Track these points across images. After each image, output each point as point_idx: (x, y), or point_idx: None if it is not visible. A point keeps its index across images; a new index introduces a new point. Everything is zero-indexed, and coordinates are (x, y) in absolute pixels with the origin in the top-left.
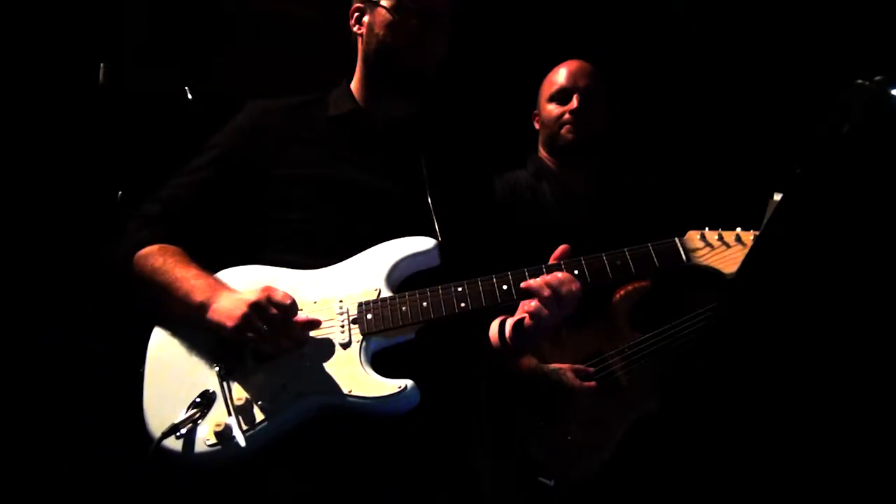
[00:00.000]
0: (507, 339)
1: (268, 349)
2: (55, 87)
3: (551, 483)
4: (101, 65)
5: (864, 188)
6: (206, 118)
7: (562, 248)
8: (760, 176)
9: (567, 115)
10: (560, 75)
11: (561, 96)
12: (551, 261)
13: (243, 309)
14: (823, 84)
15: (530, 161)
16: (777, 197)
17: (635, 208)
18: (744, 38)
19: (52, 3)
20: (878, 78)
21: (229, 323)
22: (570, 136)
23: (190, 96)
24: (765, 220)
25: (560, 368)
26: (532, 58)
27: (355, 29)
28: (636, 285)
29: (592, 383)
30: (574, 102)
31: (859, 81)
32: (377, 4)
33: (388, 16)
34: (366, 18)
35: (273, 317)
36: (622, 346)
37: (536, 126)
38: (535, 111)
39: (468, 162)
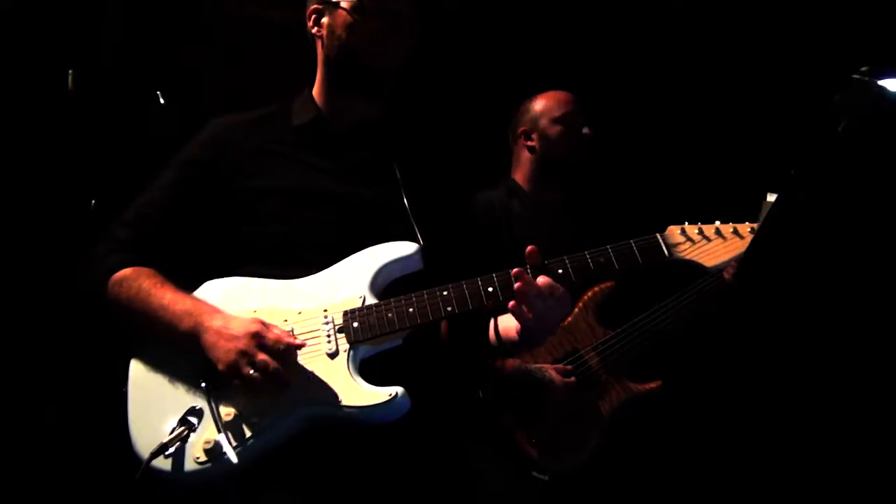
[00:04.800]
0: (504, 339)
1: (259, 386)
2: (24, 94)
3: (545, 478)
4: (70, 71)
5: (859, 187)
6: (179, 123)
7: (530, 248)
8: (754, 177)
9: (583, 139)
10: (564, 101)
11: (570, 120)
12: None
13: (232, 356)
14: (815, 85)
15: (503, 183)
16: (771, 198)
17: (609, 216)
18: (735, 37)
19: (19, 10)
20: (863, 69)
21: (220, 366)
22: (586, 158)
23: (162, 101)
24: (759, 221)
25: (542, 367)
26: (501, 58)
27: (314, 31)
28: (601, 286)
29: (572, 379)
30: (587, 129)
31: (855, 76)
32: (336, 5)
33: (348, 17)
34: (325, 20)
35: (262, 363)
36: (595, 343)
37: (528, 143)
38: (524, 129)
39: (440, 164)
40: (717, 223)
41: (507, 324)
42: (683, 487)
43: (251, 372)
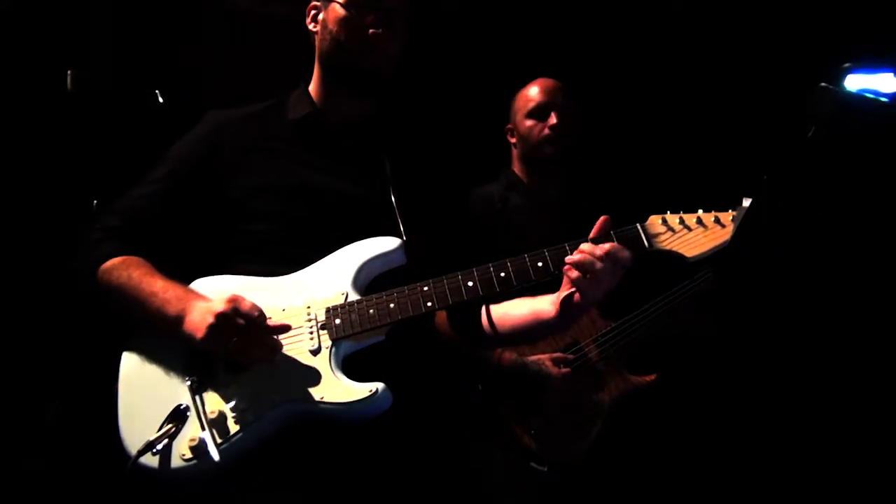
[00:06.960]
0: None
1: (241, 359)
2: (23, 95)
3: (544, 469)
4: (69, 72)
5: (831, 190)
6: (179, 121)
7: (603, 218)
8: (729, 181)
9: (546, 131)
10: (536, 92)
11: (539, 112)
12: (592, 234)
13: (209, 320)
14: (788, 91)
15: (504, 175)
16: (746, 203)
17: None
18: (707, 44)
19: (17, 11)
20: (845, 65)
21: (198, 335)
22: (550, 150)
23: (161, 100)
24: (735, 225)
25: (539, 359)
26: (496, 59)
27: (311, 27)
28: None
29: (567, 369)
30: (553, 118)
31: (823, 84)
32: (331, 0)
33: (341, 12)
34: (321, 16)
35: (241, 327)
36: (595, 335)
37: (511, 140)
38: (509, 126)
39: (431, 161)
40: (700, 212)
41: (536, 305)
42: (681, 479)
43: (232, 337)
